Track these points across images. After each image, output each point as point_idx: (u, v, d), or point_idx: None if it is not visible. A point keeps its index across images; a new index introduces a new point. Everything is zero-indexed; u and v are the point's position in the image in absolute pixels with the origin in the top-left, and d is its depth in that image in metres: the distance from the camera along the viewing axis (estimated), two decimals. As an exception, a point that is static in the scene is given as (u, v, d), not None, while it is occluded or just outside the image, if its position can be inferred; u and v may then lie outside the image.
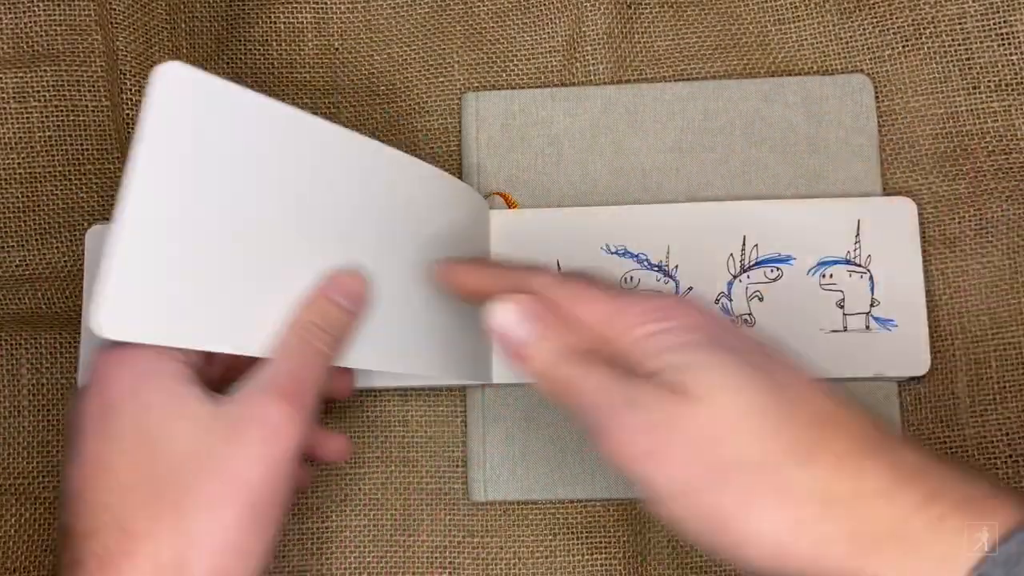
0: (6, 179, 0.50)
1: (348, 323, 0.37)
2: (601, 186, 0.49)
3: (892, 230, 0.47)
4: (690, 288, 0.48)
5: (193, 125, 0.34)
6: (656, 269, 0.48)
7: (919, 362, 0.47)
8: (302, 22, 0.51)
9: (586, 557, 0.48)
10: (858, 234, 0.47)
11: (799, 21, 0.51)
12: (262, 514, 0.33)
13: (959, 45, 0.50)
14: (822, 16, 0.50)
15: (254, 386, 0.34)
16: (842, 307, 0.47)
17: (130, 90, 0.49)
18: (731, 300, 0.47)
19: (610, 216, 0.48)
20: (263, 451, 0.32)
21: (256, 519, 0.32)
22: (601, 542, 0.48)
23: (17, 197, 0.50)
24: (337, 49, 0.51)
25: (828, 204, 0.48)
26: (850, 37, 0.50)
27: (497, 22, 0.51)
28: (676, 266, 0.48)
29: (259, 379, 0.34)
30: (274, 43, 0.51)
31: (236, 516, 0.32)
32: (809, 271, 0.47)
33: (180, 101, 0.34)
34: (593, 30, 0.51)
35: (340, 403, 0.49)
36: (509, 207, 0.49)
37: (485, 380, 0.47)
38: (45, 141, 0.50)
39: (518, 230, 0.48)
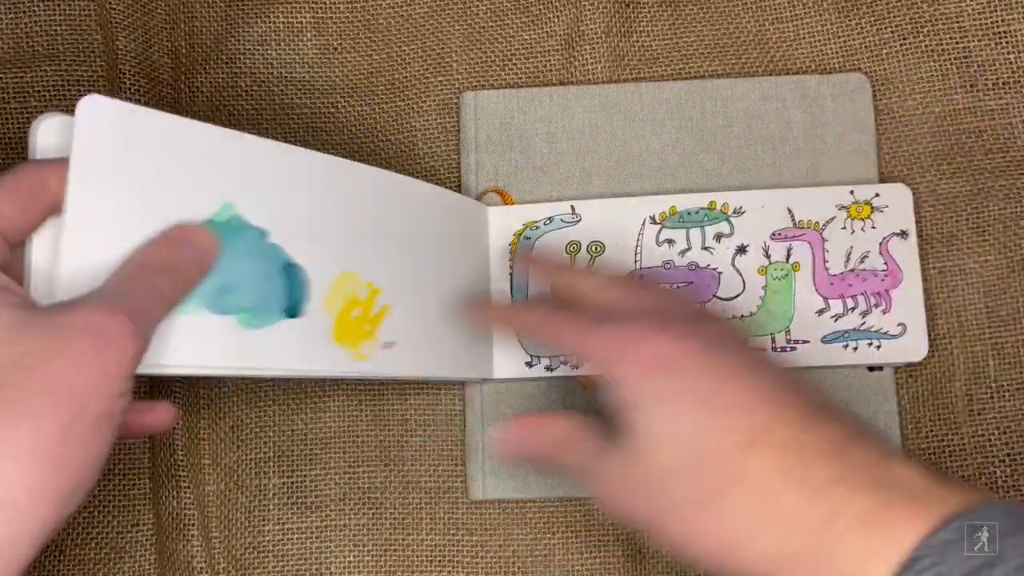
0: (6, 179, 0.50)
1: (191, 273, 0.35)
2: (599, 184, 0.50)
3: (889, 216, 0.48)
4: (691, 278, 0.48)
5: (123, 152, 0.34)
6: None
7: (917, 349, 0.47)
8: (301, 22, 0.51)
9: (584, 555, 0.48)
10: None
11: (797, 20, 0.51)
12: (89, 426, 0.29)
13: (957, 44, 0.50)
14: (820, 15, 0.51)
15: (87, 298, 0.31)
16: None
17: (130, 90, 0.49)
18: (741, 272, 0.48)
19: (603, 208, 0.49)
20: (95, 360, 0.30)
21: (82, 431, 0.29)
22: (599, 540, 0.48)
23: (17, 197, 0.50)
24: (336, 48, 0.51)
25: (820, 192, 0.48)
26: (848, 36, 0.50)
27: (495, 21, 0.52)
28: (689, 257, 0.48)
29: (93, 294, 0.32)
30: (273, 43, 0.51)
31: (59, 426, 0.29)
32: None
33: (107, 131, 0.34)
34: (591, 29, 0.51)
35: (323, 404, 0.49)
36: (505, 204, 0.49)
37: (487, 375, 0.47)
38: (45, 141, 0.50)
39: (515, 225, 0.49)
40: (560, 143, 0.50)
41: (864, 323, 0.47)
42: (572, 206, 0.49)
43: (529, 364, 0.48)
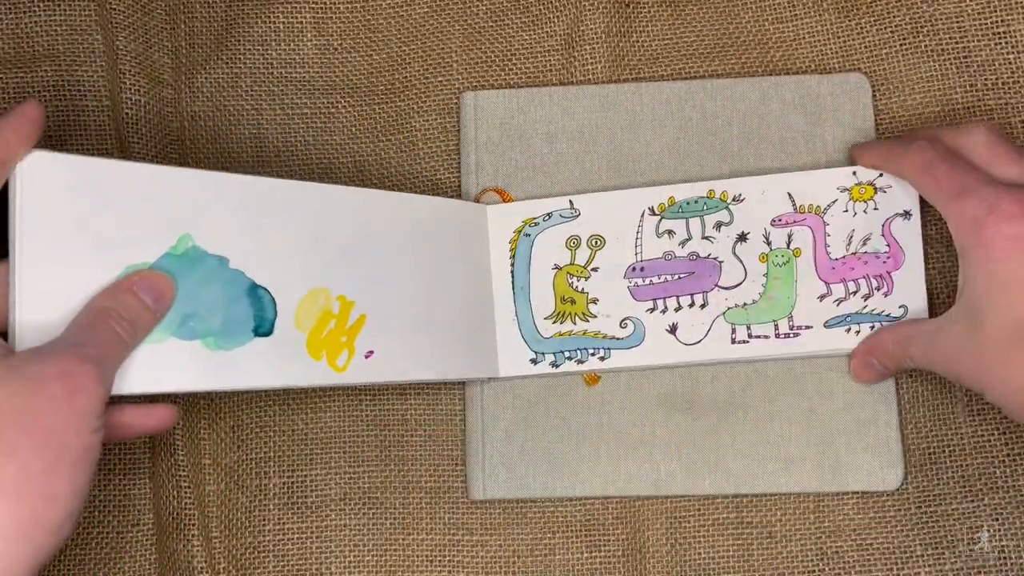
0: (6, 179, 0.50)
1: (147, 317, 0.37)
2: (599, 184, 0.50)
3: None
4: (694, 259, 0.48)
5: (70, 203, 0.36)
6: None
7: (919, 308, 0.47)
8: (301, 22, 0.51)
9: (584, 555, 0.48)
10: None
11: (797, 20, 0.51)
12: (71, 462, 0.33)
13: (956, 44, 0.50)
14: (820, 15, 0.51)
15: (53, 346, 0.35)
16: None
17: (130, 90, 0.49)
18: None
19: (602, 201, 0.49)
20: (67, 403, 0.33)
21: (66, 467, 0.33)
22: (599, 540, 0.48)
23: (17, 197, 0.50)
24: (336, 48, 0.51)
25: (821, 175, 0.48)
26: (848, 36, 0.50)
27: (495, 21, 0.52)
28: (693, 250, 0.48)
29: (57, 342, 0.35)
30: (273, 43, 0.51)
31: (44, 464, 0.32)
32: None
33: (52, 185, 0.36)
34: (591, 29, 0.51)
35: (323, 404, 0.49)
36: (504, 202, 0.49)
37: (492, 374, 0.48)
38: (45, 141, 0.49)
39: (515, 222, 0.49)
40: (560, 143, 0.50)
41: (866, 306, 0.47)
42: (571, 201, 0.49)
43: (534, 361, 0.48)
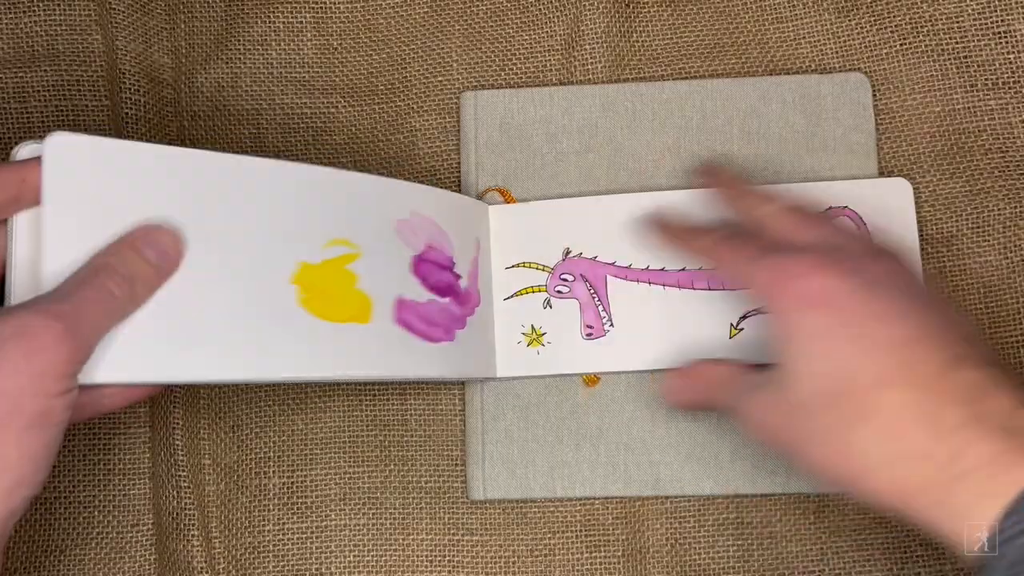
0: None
1: (150, 275, 0.36)
2: (599, 185, 0.50)
3: (888, 213, 0.48)
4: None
5: (93, 184, 0.36)
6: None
7: None
8: (301, 22, 0.51)
9: (584, 555, 0.48)
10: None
11: (797, 20, 0.51)
12: (24, 427, 0.31)
13: (956, 43, 0.50)
14: (819, 15, 0.51)
15: (31, 302, 0.33)
16: None
17: (130, 90, 0.49)
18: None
19: (607, 205, 0.49)
20: (24, 364, 0.31)
21: (17, 431, 0.31)
22: (599, 540, 0.48)
23: (17, 197, 0.50)
24: (336, 49, 0.52)
25: (824, 187, 0.48)
26: (848, 35, 0.50)
27: (495, 21, 0.52)
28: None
29: (40, 298, 0.33)
30: (273, 43, 0.51)
31: None
32: None
33: (76, 165, 0.36)
34: (591, 29, 0.51)
35: (323, 404, 0.49)
36: (506, 203, 0.49)
37: (490, 375, 0.48)
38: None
39: (516, 223, 0.49)
40: (560, 143, 0.50)
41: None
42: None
43: (530, 363, 0.48)
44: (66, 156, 0.36)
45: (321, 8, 0.51)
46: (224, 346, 0.38)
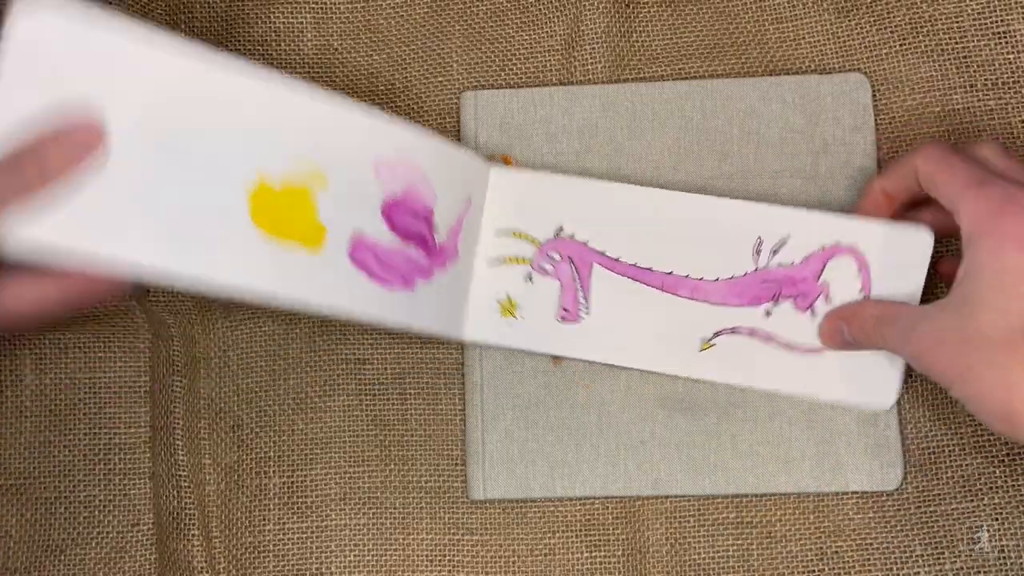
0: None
1: (63, 161, 0.34)
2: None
3: (902, 259, 0.46)
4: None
5: (54, 60, 0.35)
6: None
7: (887, 392, 0.46)
8: (302, 22, 0.51)
9: (584, 555, 0.48)
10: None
11: (796, 20, 0.51)
12: None
13: (956, 43, 0.50)
14: (819, 15, 0.51)
15: None
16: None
17: (130, 90, 0.49)
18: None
19: (609, 191, 0.48)
20: None
21: None
22: (599, 540, 0.48)
23: (17, 197, 0.50)
24: (336, 49, 0.52)
25: (835, 222, 0.46)
26: (847, 36, 0.50)
27: (495, 22, 0.52)
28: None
29: None
30: (273, 43, 0.51)
31: None
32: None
33: (39, 40, 0.34)
34: (591, 29, 0.51)
35: (323, 404, 0.49)
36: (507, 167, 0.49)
37: (454, 335, 0.47)
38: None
39: (516, 189, 0.48)
40: (560, 143, 0.50)
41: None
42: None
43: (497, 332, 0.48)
44: (31, 30, 0.34)
45: (321, 8, 0.52)
46: (166, 235, 0.37)
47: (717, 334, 0.47)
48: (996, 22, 0.49)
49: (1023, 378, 0.36)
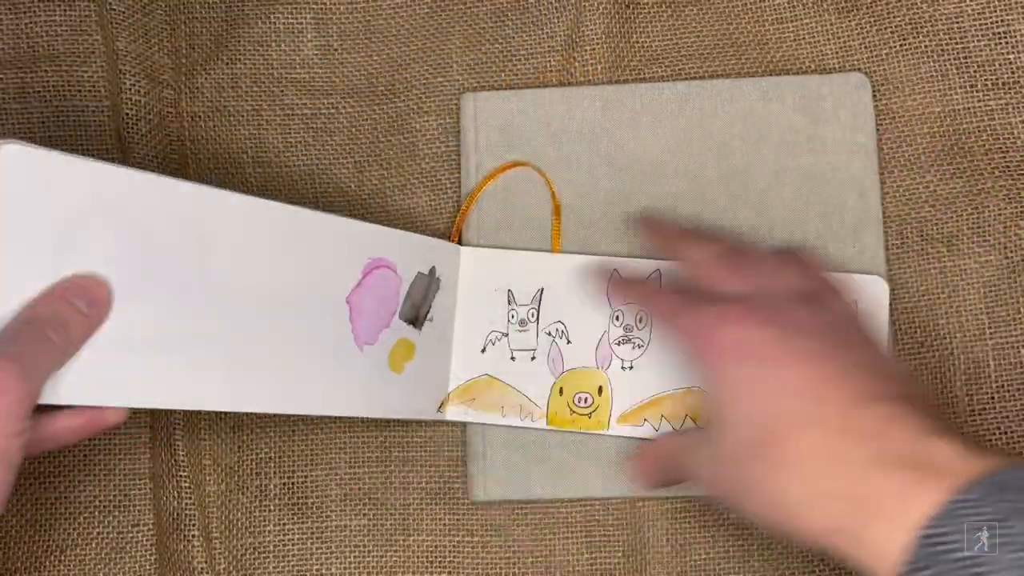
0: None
1: (82, 323, 0.36)
2: (600, 186, 0.50)
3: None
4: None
5: (37, 201, 0.35)
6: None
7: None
8: (302, 22, 0.51)
9: (585, 556, 0.48)
10: None
11: (797, 20, 0.51)
12: None
13: (956, 43, 0.50)
14: (820, 15, 0.51)
15: None
16: None
17: (130, 90, 0.49)
18: None
19: (571, 265, 0.49)
20: None
21: None
22: (600, 541, 0.48)
23: (17, 197, 0.50)
24: (336, 49, 0.52)
25: None
26: (848, 36, 0.50)
27: (496, 22, 0.52)
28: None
29: None
30: (273, 43, 0.51)
31: None
32: None
33: (24, 177, 0.34)
34: (591, 30, 0.51)
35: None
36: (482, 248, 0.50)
37: (430, 416, 0.48)
38: (45, 141, 0.50)
39: (489, 271, 0.49)
40: (560, 144, 0.50)
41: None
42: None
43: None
44: (17, 169, 0.34)
45: (321, 8, 0.51)
46: (177, 369, 0.38)
47: None
48: (996, 22, 0.49)
49: (778, 484, 0.36)
